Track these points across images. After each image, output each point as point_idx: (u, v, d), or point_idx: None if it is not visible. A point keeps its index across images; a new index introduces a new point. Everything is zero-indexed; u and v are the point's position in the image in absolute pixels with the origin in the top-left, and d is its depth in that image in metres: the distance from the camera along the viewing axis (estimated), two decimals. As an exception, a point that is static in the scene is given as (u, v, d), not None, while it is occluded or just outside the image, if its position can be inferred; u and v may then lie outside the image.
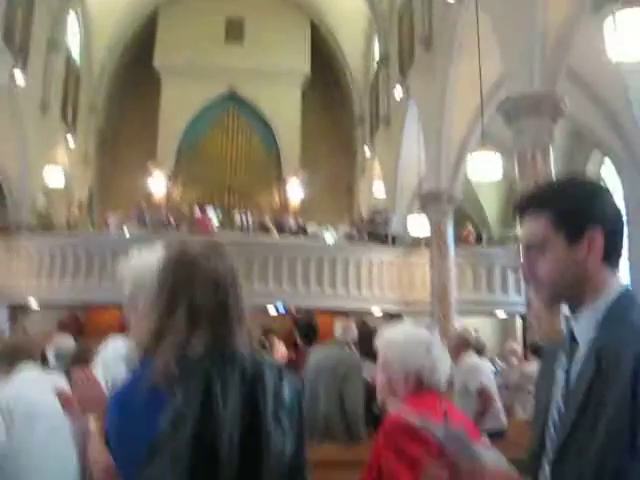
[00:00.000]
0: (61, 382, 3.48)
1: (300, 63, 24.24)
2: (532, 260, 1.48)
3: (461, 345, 5.62)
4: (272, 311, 16.06)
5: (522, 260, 1.52)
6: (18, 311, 16.11)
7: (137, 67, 24.57)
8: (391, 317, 16.43)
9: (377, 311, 16.27)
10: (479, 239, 17.45)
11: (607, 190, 1.51)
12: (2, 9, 15.14)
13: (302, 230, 17.25)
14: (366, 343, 6.35)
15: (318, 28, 24.34)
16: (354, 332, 5.94)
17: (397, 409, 2.21)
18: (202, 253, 1.52)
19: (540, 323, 7.97)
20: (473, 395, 5.34)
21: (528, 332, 9.44)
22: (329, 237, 16.90)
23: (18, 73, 15.87)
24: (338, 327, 5.87)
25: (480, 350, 7.04)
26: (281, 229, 17.23)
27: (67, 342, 7.07)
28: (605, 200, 1.47)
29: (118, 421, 1.51)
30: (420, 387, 2.39)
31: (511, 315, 16.16)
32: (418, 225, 14.91)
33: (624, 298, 1.41)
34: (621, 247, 1.48)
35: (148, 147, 23.57)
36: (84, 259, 15.17)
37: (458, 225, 17.10)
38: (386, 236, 16.64)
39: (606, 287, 1.43)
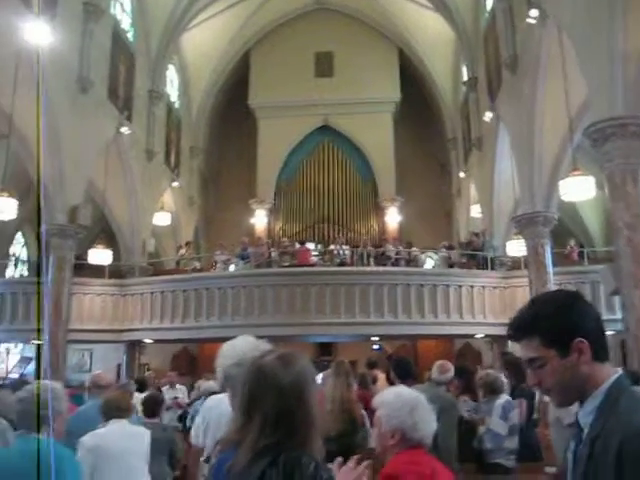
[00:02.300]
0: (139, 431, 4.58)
1: (390, 90, 24.66)
2: (536, 373, 1.76)
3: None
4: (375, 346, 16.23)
5: (528, 374, 1.81)
6: (134, 345, 17.06)
7: (233, 107, 25.68)
8: (494, 340, 16.26)
9: (480, 336, 16.13)
10: (582, 256, 16.97)
11: (580, 297, 1.76)
12: (107, 70, 16.29)
13: (401, 257, 17.29)
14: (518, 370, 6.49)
15: (406, 55, 24.57)
16: (450, 372, 6.09)
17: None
18: (274, 367, 1.87)
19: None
20: (566, 428, 5.39)
21: (628, 358, 9.23)
22: (429, 262, 16.88)
23: (124, 125, 16.95)
24: (434, 367, 6.05)
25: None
26: (380, 257, 17.37)
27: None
28: (581, 310, 1.73)
29: None
30: (405, 443, 2.80)
31: (618, 334, 15.57)
32: (517, 247, 14.79)
33: (615, 387, 1.66)
34: (605, 342, 1.74)
35: (248, 183, 24.48)
36: (193, 297, 15.77)
37: (561, 242, 16.72)
38: (485, 259, 16.48)
39: (601, 380, 1.68)
